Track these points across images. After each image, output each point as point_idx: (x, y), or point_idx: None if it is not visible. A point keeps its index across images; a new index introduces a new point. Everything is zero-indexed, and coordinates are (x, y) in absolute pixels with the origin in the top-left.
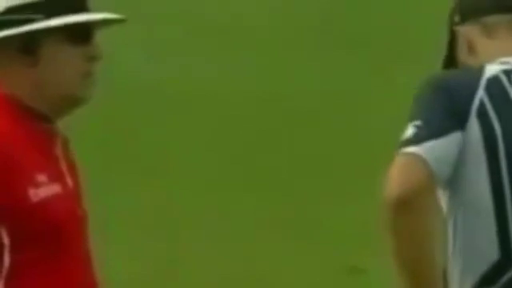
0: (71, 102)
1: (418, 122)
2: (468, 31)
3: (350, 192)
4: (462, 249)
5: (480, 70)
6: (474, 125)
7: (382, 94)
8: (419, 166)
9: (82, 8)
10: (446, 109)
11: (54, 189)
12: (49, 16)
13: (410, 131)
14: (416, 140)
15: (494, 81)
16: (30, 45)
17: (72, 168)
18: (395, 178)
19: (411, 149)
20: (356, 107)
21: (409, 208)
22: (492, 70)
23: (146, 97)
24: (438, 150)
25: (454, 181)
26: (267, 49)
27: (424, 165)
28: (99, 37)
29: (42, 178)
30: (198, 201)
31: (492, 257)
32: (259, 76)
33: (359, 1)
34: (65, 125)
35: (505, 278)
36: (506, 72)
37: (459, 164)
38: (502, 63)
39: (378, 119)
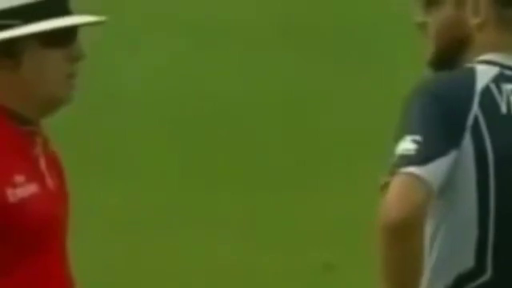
0: (54, 103)
1: (417, 137)
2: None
3: (324, 186)
4: (440, 249)
5: (472, 77)
6: (467, 142)
7: (345, 95)
8: (422, 191)
9: (61, 11)
10: (444, 123)
11: (31, 189)
12: (27, 21)
13: (409, 146)
14: (419, 160)
15: (487, 93)
16: (11, 49)
17: (53, 168)
18: (397, 201)
19: (414, 169)
20: (320, 107)
21: (408, 233)
22: (483, 77)
23: (112, 95)
24: (439, 170)
25: (443, 191)
26: (235, 49)
27: (426, 188)
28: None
29: (19, 178)
30: (167, 201)
31: (467, 263)
32: (227, 75)
33: (325, 1)
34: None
35: (474, 284)
36: (496, 80)
37: (450, 177)
38: (489, 63)
39: (342, 120)
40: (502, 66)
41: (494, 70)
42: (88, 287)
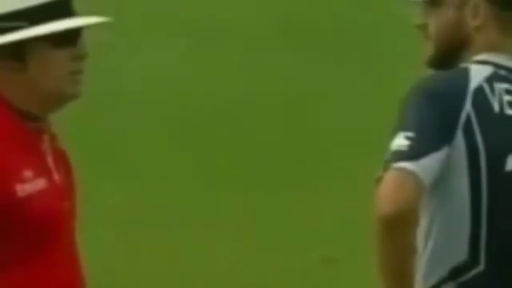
0: (62, 100)
1: (410, 134)
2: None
3: (324, 185)
4: (435, 242)
5: (466, 76)
6: (459, 139)
7: (345, 95)
8: (414, 185)
9: (66, 13)
10: (436, 120)
11: (39, 184)
12: (32, 23)
13: (402, 142)
14: (411, 155)
15: (480, 92)
16: (17, 51)
17: (61, 164)
18: (389, 195)
19: (406, 164)
20: (320, 107)
21: (399, 226)
22: (476, 77)
23: (112, 94)
24: (430, 165)
25: (436, 186)
26: (232, 49)
27: (418, 183)
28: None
29: (28, 173)
30: (167, 201)
31: (461, 256)
32: (227, 75)
33: (323, 1)
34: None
35: (468, 276)
36: (489, 80)
37: (443, 173)
38: (483, 63)
39: (342, 120)
40: (496, 65)
41: (488, 70)
42: (88, 287)
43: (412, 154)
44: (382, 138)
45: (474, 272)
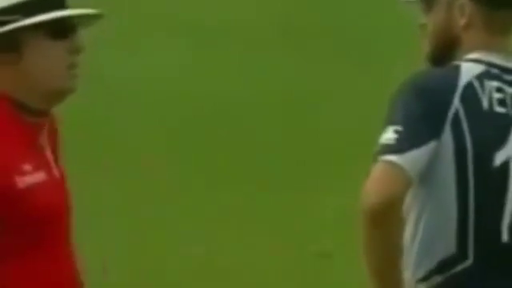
0: (57, 94)
1: (398, 127)
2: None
3: (324, 185)
4: (424, 236)
5: (456, 73)
6: (447, 134)
7: (345, 95)
8: (400, 178)
9: (58, 6)
10: (425, 115)
11: (39, 176)
12: (26, 16)
13: (390, 136)
14: (398, 148)
15: (469, 89)
16: (12, 43)
17: (60, 158)
18: (375, 187)
19: (393, 157)
20: (320, 107)
21: (385, 218)
22: (467, 73)
23: (112, 94)
24: (417, 159)
25: (423, 180)
26: (232, 49)
27: (404, 176)
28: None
29: (27, 167)
30: (166, 201)
31: (449, 249)
32: (227, 75)
33: (323, 2)
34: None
35: (456, 269)
36: (480, 77)
37: (430, 167)
38: (475, 61)
39: (342, 120)
40: (488, 64)
41: (479, 68)
42: (88, 286)
43: (399, 147)
44: None
45: (462, 266)
